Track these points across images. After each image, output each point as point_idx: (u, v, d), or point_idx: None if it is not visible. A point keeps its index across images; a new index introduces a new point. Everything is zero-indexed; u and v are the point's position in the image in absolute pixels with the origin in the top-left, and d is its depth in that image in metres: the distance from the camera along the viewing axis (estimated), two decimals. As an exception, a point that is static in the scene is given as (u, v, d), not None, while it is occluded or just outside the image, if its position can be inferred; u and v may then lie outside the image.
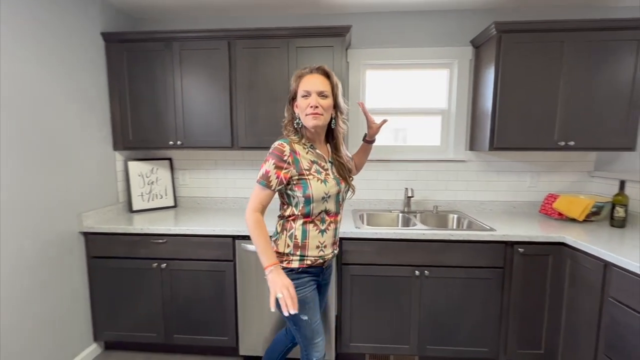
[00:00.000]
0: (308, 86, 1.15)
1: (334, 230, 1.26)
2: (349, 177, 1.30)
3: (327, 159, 1.26)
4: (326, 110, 1.17)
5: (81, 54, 1.85)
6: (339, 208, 1.26)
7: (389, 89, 2.28)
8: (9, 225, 1.45)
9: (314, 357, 1.24)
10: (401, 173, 2.28)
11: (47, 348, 1.64)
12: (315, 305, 1.23)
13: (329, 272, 1.39)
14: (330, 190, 1.18)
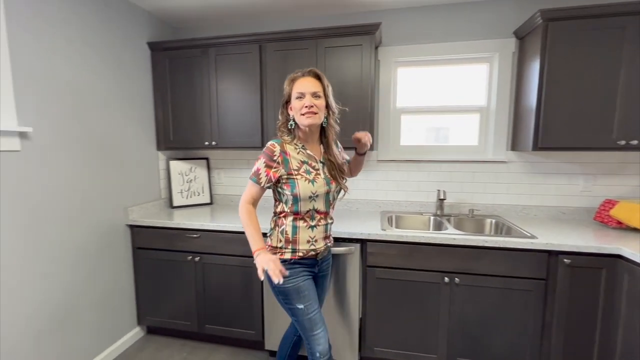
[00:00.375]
0: (302, 88, 1.21)
1: (325, 226, 1.31)
2: (341, 177, 1.34)
3: (318, 159, 1.30)
4: (320, 109, 1.23)
5: (131, 62, 2.03)
6: (329, 207, 1.31)
7: (422, 86, 2.19)
8: (68, 217, 1.65)
9: (317, 350, 1.24)
10: (434, 174, 2.18)
11: (98, 326, 1.83)
12: (311, 294, 1.26)
13: (327, 264, 1.41)
14: (318, 190, 1.23)
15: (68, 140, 1.64)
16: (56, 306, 1.60)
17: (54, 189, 1.58)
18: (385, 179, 2.26)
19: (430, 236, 1.62)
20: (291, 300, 1.25)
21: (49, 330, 1.56)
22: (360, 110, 1.92)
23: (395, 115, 2.22)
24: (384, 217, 2.02)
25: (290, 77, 1.27)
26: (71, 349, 1.68)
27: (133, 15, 2.04)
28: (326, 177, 1.28)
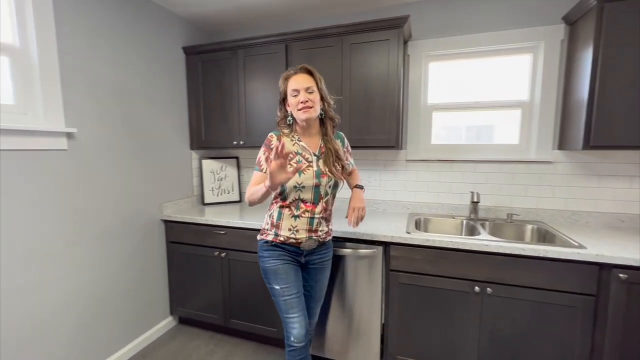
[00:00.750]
0: (295, 85, 1.28)
1: (309, 219, 1.32)
2: (336, 167, 1.34)
3: (313, 152, 1.34)
4: (315, 103, 1.29)
5: (167, 67, 2.15)
6: (318, 200, 1.33)
7: (455, 81, 2.05)
8: (108, 210, 1.78)
9: (292, 334, 1.29)
10: (468, 175, 2.03)
11: (134, 314, 1.97)
12: (289, 279, 1.32)
13: (319, 258, 1.42)
14: (304, 181, 1.28)
15: (109, 140, 1.78)
16: (95, 294, 1.74)
17: (96, 185, 1.72)
18: (414, 179, 2.15)
19: (459, 241, 1.51)
20: (269, 279, 1.35)
21: (90, 315, 1.71)
22: (387, 107, 1.85)
23: (426, 112, 2.11)
24: (412, 220, 1.92)
25: (283, 75, 1.34)
26: (109, 334, 1.82)
27: (170, 22, 2.16)
28: (318, 170, 1.32)
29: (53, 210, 1.52)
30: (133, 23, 1.90)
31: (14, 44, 1.39)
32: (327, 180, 1.32)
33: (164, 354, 1.97)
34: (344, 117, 1.93)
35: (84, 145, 1.65)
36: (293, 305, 1.31)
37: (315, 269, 1.44)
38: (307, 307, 1.44)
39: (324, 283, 1.50)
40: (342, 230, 1.71)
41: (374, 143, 1.91)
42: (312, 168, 1.31)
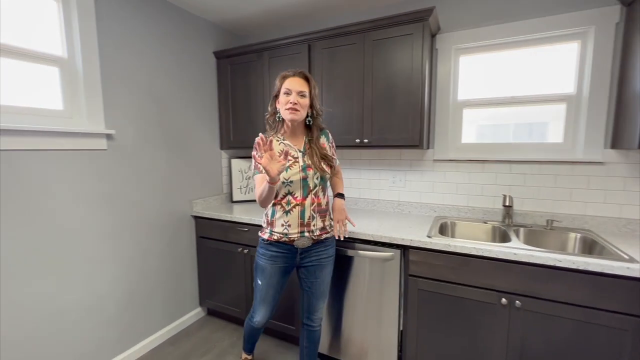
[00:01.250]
0: (290, 85, 1.35)
1: (300, 212, 1.38)
2: (321, 162, 1.42)
3: (298, 149, 1.42)
4: (303, 107, 1.37)
5: (199, 70, 2.28)
6: (307, 193, 1.39)
7: (489, 75, 1.90)
8: (143, 206, 1.93)
9: (255, 318, 1.54)
10: (502, 176, 1.87)
11: (166, 303, 2.11)
12: (272, 280, 1.45)
13: (317, 256, 1.46)
14: (292, 176, 1.36)
15: (145, 141, 1.93)
16: (131, 282, 1.89)
17: (133, 182, 1.87)
18: (442, 180, 2.03)
19: (484, 248, 1.39)
20: (256, 273, 1.49)
21: (127, 302, 1.86)
22: (410, 105, 1.77)
23: (456, 109, 1.98)
24: (436, 223, 1.82)
25: (282, 74, 1.40)
26: (144, 319, 1.97)
27: (202, 29, 2.29)
28: (304, 164, 1.39)
29: (95, 205, 1.68)
30: (168, 31, 2.04)
31: (62, 55, 1.56)
32: (313, 173, 1.40)
33: (191, 343, 2.08)
34: (365, 116, 1.89)
35: (122, 145, 1.80)
36: (265, 301, 1.49)
37: (313, 267, 1.47)
38: (309, 303, 1.52)
39: (325, 280, 1.51)
40: (360, 232, 1.67)
41: (396, 142, 1.83)
42: (298, 163, 1.39)
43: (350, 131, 1.95)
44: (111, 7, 1.72)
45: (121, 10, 1.77)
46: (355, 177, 2.31)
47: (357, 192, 2.32)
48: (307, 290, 1.51)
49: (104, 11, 1.68)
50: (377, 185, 2.24)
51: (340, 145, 2.00)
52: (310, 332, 1.56)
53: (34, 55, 1.47)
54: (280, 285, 1.50)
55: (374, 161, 2.24)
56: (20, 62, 1.43)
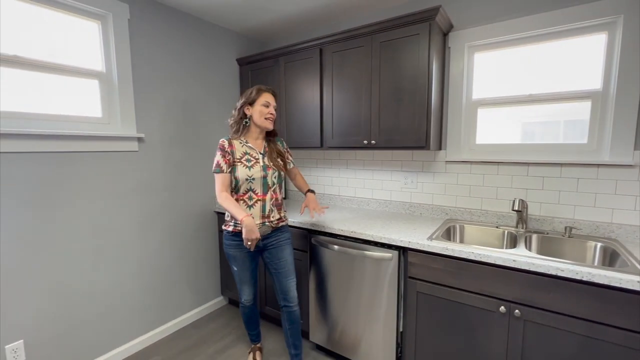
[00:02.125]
0: (269, 99, 1.62)
1: (261, 206, 1.60)
2: (278, 161, 1.68)
3: (259, 151, 1.64)
4: (275, 117, 1.66)
5: (223, 77, 2.46)
6: (266, 190, 1.62)
7: (506, 72, 1.81)
8: (171, 201, 2.15)
9: (242, 297, 1.77)
10: (518, 179, 1.77)
11: (191, 289, 2.33)
12: (245, 264, 1.68)
13: (275, 239, 1.67)
14: (254, 174, 1.58)
15: (171, 143, 2.14)
16: (157, 268, 2.12)
17: (160, 179, 2.10)
18: (454, 182, 1.98)
19: (482, 253, 1.35)
20: (230, 262, 1.71)
21: (156, 287, 2.10)
22: (416, 105, 1.75)
23: (470, 108, 1.91)
24: (444, 226, 1.78)
25: (257, 87, 1.63)
26: (170, 303, 2.19)
27: (225, 38, 2.46)
28: (264, 164, 1.62)
29: (127, 199, 1.92)
30: (193, 43, 2.23)
31: (102, 70, 1.80)
32: (272, 172, 1.63)
33: (211, 328, 2.27)
34: (372, 117, 1.91)
35: (151, 147, 2.03)
36: (244, 281, 1.73)
37: (274, 249, 1.68)
38: (280, 284, 1.70)
39: (288, 259, 1.70)
40: (360, 232, 1.70)
41: (402, 144, 1.83)
42: (259, 163, 1.60)
43: (359, 133, 1.98)
44: (142, 26, 1.94)
45: (151, 28, 1.98)
46: (368, 178, 2.33)
47: (369, 193, 2.34)
48: (275, 272, 1.69)
49: (135, 30, 1.90)
50: (389, 186, 2.24)
51: (349, 146, 2.05)
52: (290, 312, 1.70)
53: (79, 71, 1.72)
54: (252, 267, 1.73)
55: (386, 162, 2.24)
56: (69, 77, 1.69)
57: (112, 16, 1.79)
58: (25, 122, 1.54)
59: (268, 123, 1.62)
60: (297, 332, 1.73)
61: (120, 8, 1.82)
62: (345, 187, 2.46)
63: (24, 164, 1.53)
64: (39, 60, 1.58)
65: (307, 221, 1.93)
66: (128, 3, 1.86)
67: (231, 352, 2.01)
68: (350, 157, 2.40)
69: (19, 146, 1.50)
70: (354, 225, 1.83)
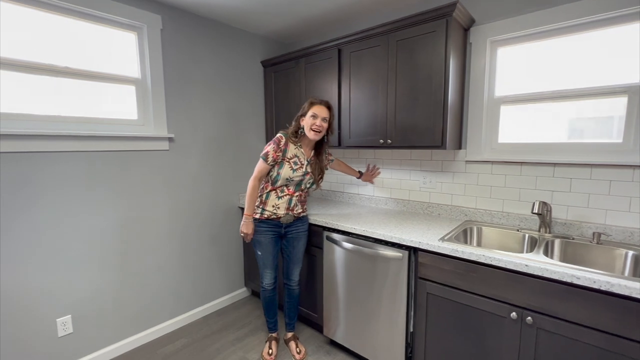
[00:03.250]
0: (317, 111, 1.72)
1: (288, 200, 1.80)
2: (318, 175, 1.84)
3: (306, 158, 1.80)
4: (323, 130, 1.75)
5: (248, 80, 2.59)
6: (298, 190, 1.82)
7: (531, 67, 1.71)
8: (199, 196, 2.32)
9: (264, 281, 1.93)
10: (544, 181, 1.68)
11: (216, 278, 2.49)
12: (268, 249, 1.85)
13: (295, 229, 1.88)
14: (294, 177, 1.76)
15: (199, 142, 2.30)
16: (185, 258, 2.30)
17: (190, 176, 2.26)
18: (474, 183, 1.91)
19: (493, 256, 1.31)
20: (255, 246, 1.88)
21: (183, 276, 2.28)
22: (432, 103, 1.72)
23: (492, 106, 1.83)
24: (461, 227, 1.74)
25: (310, 100, 1.76)
26: (198, 291, 2.37)
27: (251, 41, 2.58)
28: (305, 171, 1.78)
29: (159, 193, 2.11)
30: (220, 48, 2.37)
31: (137, 77, 1.99)
32: (308, 178, 1.81)
33: (234, 317, 2.41)
34: (389, 116, 1.91)
35: (180, 146, 2.20)
36: (267, 265, 1.89)
37: (292, 238, 1.90)
38: (287, 268, 1.96)
39: (300, 250, 1.94)
40: (371, 231, 1.72)
41: (418, 143, 1.81)
42: (302, 169, 1.77)
43: (375, 132, 1.99)
44: (173, 34, 2.10)
45: (181, 36, 2.14)
46: (387, 177, 2.32)
47: (387, 192, 2.33)
48: (286, 257, 1.94)
49: (167, 38, 2.07)
50: (407, 185, 2.22)
51: (366, 146, 2.06)
52: (290, 289, 2.00)
53: (120, 78, 1.92)
54: (275, 252, 1.89)
55: (405, 161, 2.21)
56: (111, 84, 1.90)
57: (146, 27, 1.97)
58: (76, 125, 1.75)
59: (312, 134, 1.72)
60: (294, 307, 2.04)
61: (153, 19, 1.99)
62: (364, 186, 2.47)
63: (72, 162, 1.74)
64: (86, 70, 1.79)
65: (322, 219, 1.98)
66: (160, 14, 2.03)
67: (250, 340, 2.13)
68: (369, 156, 2.41)
69: (67, 146, 1.71)
70: (367, 224, 1.85)
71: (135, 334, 2.05)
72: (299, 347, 1.98)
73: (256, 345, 2.08)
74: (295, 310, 2.06)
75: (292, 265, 1.95)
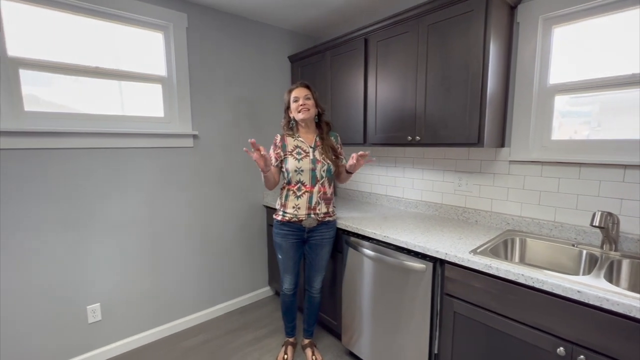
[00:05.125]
0: (296, 94, 1.67)
1: (308, 198, 1.67)
2: (330, 156, 1.70)
3: (309, 145, 1.69)
4: (311, 107, 1.67)
5: (275, 75, 2.54)
6: (315, 182, 1.67)
7: (597, 48, 1.41)
8: (224, 193, 2.33)
9: (283, 285, 1.85)
10: (608, 186, 1.37)
11: (240, 275, 2.49)
12: (289, 253, 1.75)
13: (319, 234, 1.73)
14: (303, 166, 1.65)
15: (223, 139, 2.30)
16: (212, 255, 2.32)
17: (214, 173, 2.28)
18: (519, 187, 1.65)
19: (536, 277, 1.08)
20: (276, 249, 1.80)
21: (210, 271, 2.30)
22: (468, 95, 1.50)
23: (544, 96, 1.55)
24: (501, 238, 1.50)
25: (287, 90, 1.73)
26: (221, 287, 2.39)
27: (278, 36, 2.52)
28: (314, 158, 1.67)
29: (183, 189, 2.14)
30: (246, 44, 2.34)
31: (164, 75, 2.03)
32: (321, 166, 1.67)
33: (255, 316, 2.39)
34: (418, 111, 1.72)
35: (205, 144, 2.21)
36: (287, 270, 1.80)
37: (316, 244, 1.76)
38: (309, 275, 1.85)
39: (324, 257, 1.80)
40: (393, 237, 1.55)
41: (449, 140, 1.60)
42: (308, 157, 1.67)
43: (402, 128, 1.81)
44: (198, 32, 2.11)
45: (206, 33, 2.15)
46: (418, 178, 2.12)
47: (418, 194, 2.12)
48: (309, 264, 1.82)
49: (192, 37, 2.09)
50: (440, 187, 1.99)
51: (391, 143, 1.90)
52: (310, 296, 1.90)
53: (147, 77, 1.97)
54: (296, 257, 1.79)
55: (437, 160, 1.99)
56: (139, 83, 1.96)
57: (172, 26, 1.99)
58: (104, 123, 1.83)
59: (300, 115, 1.66)
60: (313, 314, 1.94)
61: (179, 18, 2.01)
62: (393, 187, 2.29)
63: (99, 158, 1.82)
64: (116, 70, 1.86)
65: (342, 222, 1.85)
66: (187, 12, 2.04)
67: (267, 342, 2.09)
68: (399, 154, 2.22)
69: (95, 143, 1.79)
70: (390, 229, 1.68)
71: (159, 325, 2.12)
72: (316, 355, 1.88)
73: (273, 348, 2.02)
74: (315, 317, 1.96)
75: (313, 272, 1.83)
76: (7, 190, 1.57)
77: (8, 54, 1.54)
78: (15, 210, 1.60)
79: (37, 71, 1.64)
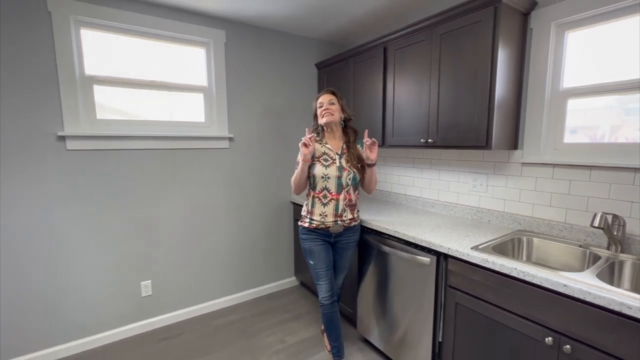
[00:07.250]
0: (322, 100, 1.73)
1: (335, 205, 1.69)
2: (357, 164, 1.72)
3: (335, 152, 1.72)
4: (335, 111, 1.70)
5: (303, 82, 2.75)
6: (340, 190, 1.68)
7: (612, 52, 1.42)
8: (255, 190, 2.59)
9: (320, 295, 1.78)
10: (620, 188, 1.39)
11: (268, 266, 2.74)
12: (320, 256, 1.74)
13: (345, 239, 1.77)
14: (329, 173, 1.67)
15: (256, 142, 2.56)
16: (240, 244, 2.59)
17: (246, 172, 2.54)
18: (531, 188, 1.69)
19: (525, 271, 1.16)
20: (306, 256, 1.80)
21: (239, 261, 2.58)
22: (477, 99, 1.59)
23: (557, 99, 1.59)
24: (508, 237, 1.57)
25: (315, 97, 1.78)
26: (252, 274, 2.65)
27: (305, 45, 2.73)
28: (340, 165, 1.69)
29: (219, 186, 2.43)
30: (276, 54, 2.58)
31: (205, 85, 2.33)
32: (347, 174, 1.69)
33: (282, 302, 2.62)
34: (431, 114, 1.83)
35: (239, 145, 2.48)
36: (321, 276, 1.76)
37: (341, 248, 1.81)
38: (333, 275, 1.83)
39: (347, 259, 1.87)
40: (402, 232, 1.68)
41: (460, 142, 1.69)
42: (335, 164, 1.69)
43: (417, 131, 1.92)
44: (234, 46, 2.38)
45: (242, 46, 2.41)
46: (435, 178, 2.20)
47: (435, 194, 2.21)
48: (334, 266, 1.84)
49: (229, 51, 2.36)
50: (456, 188, 2.06)
51: (407, 145, 2.01)
52: None
53: (192, 88, 2.28)
54: (328, 261, 1.75)
55: (453, 162, 2.07)
56: (185, 93, 2.27)
57: (212, 42, 2.28)
58: (157, 128, 2.16)
59: (324, 119, 1.70)
60: None
61: (219, 35, 2.30)
62: (411, 187, 2.39)
63: (155, 158, 2.15)
64: (167, 82, 2.18)
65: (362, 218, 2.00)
66: (225, 29, 2.32)
67: (290, 325, 2.30)
68: (417, 155, 2.31)
69: (151, 144, 2.12)
70: (402, 225, 1.81)
71: (195, 304, 2.42)
72: None
73: (296, 330, 2.23)
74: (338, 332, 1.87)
75: (337, 272, 1.88)
76: (89, 182, 1.95)
77: (86, 73, 1.91)
78: (96, 199, 1.97)
79: (107, 86, 1.99)
